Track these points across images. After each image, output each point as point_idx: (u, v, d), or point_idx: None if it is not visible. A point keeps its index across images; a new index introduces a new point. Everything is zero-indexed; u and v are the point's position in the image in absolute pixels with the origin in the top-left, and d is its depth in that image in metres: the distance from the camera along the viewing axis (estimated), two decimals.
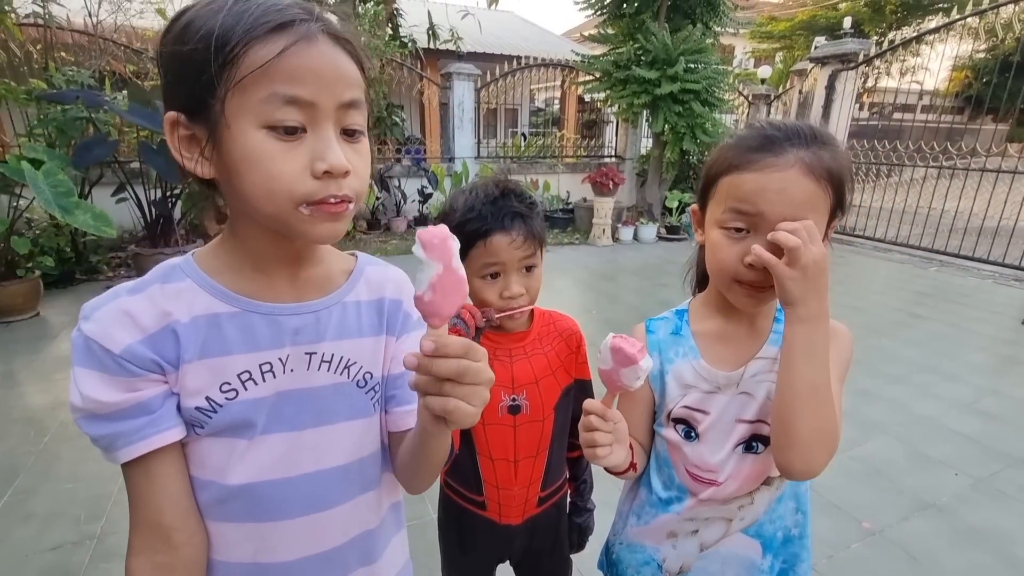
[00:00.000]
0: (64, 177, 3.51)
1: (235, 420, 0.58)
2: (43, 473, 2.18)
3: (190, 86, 0.51)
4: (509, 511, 1.03)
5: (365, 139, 0.58)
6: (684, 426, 0.82)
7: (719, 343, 0.81)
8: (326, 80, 0.51)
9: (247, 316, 0.59)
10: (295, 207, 0.52)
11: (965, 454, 2.45)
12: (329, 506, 0.64)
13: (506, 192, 0.93)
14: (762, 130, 0.71)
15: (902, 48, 6.66)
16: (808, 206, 0.67)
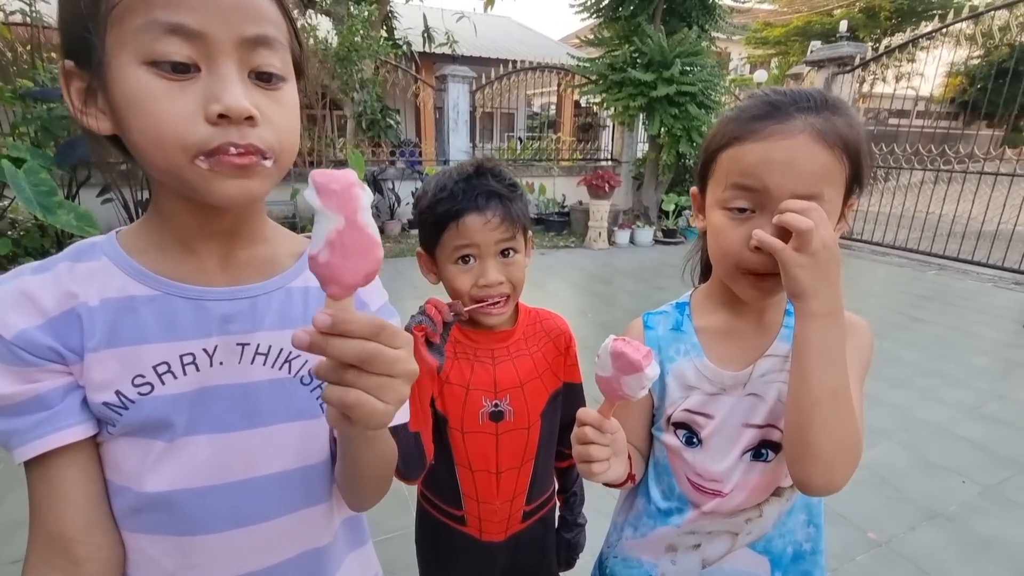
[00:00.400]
0: (46, 176, 3.42)
1: (150, 418, 0.50)
2: (11, 479, 2.08)
3: (72, 24, 0.44)
4: (491, 527, 0.94)
5: (286, 86, 0.49)
6: (686, 431, 0.74)
7: (724, 340, 0.73)
8: (220, 7, 0.43)
9: (168, 300, 0.51)
10: (190, 159, 0.44)
11: (972, 461, 2.37)
12: (263, 519, 0.55)
13: (481, 171, 0.84)
14: (765, 97, 0.63)
15: (898, 52, 6.64)
16: (820, 177, 0.58)
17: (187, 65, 0.43)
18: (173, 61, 0.42)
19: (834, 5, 18.72)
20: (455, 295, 0.85)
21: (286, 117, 0.49)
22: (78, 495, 0.50)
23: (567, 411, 0.97)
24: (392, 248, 6.24)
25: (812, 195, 0.58)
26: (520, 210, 0.85)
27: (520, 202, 0.86)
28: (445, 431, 0.89)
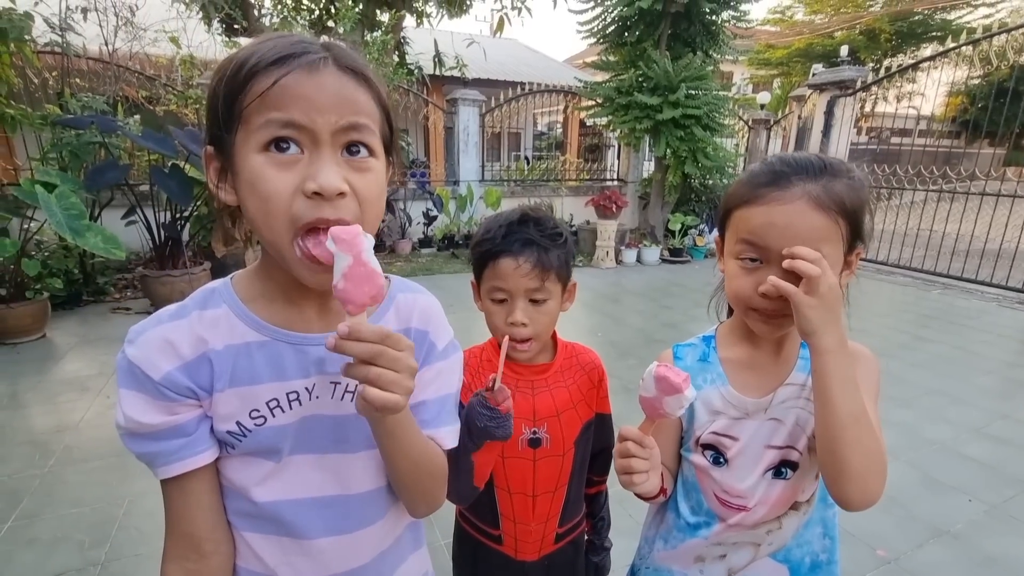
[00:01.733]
0: (76, 200, 3.57)
1: (263, 444, 0.61)
2: (47, 497, 2.16)
3: (213, 119, 0.55)
4: (526, 547, 1.01)
5: (374, 161, 0.57)
6: (713, 452, 0.82)
7: (746, 370, 0.81)
8: (322, 104, 0.52)
9: (276, 345, 0.61)
10: (291, 239, 0.53)
11: (978, 479, 2.42)
12: (352, 530, 0.65)
13: (525, 219, 0.92)
14: (771, 165, 0.72)
15: (898, 75, 6.79)
16: (817, 238, 0.67)
17: (291, 147, 0.53)
18: (282, 147, 0.52)
19: (835, 28, 19.02)
20: (491, 329, 0.95)
21: (371, 190, 0.57)
22: (206, 503, 0.60)
23: (597, 440, 1.04)
24: (403, 267, 6.36)
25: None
26: (555, 260, 0.90)
27: (558, 251, 0.91)
28: None
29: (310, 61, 0.52)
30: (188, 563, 0.60)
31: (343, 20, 5.69)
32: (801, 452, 0.78)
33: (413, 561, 0.75)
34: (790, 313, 0.68)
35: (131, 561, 1.84)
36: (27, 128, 4.37)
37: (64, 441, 2.57)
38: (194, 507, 0.60)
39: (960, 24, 16.55)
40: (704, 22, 6.83)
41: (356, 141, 0.55)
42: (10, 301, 3.68)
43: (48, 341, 3.84)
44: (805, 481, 0.79)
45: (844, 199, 0.69)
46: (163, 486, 0.60)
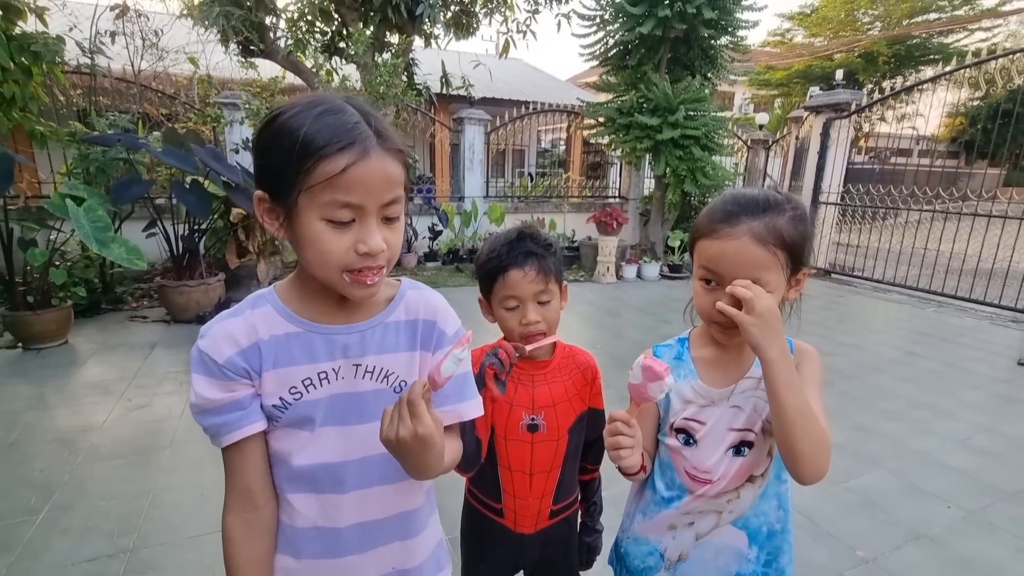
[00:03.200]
0: (103, 213, 3.76)
1: (300, 416, 0.75)
2: (77, 490, 2.31)
3: (275, 179, 0.68)
4: (524, 520, 1.15)
5: (401, 220, 0.74)
6: (684, 435, 0.96)
7: (713, 366, 0.96)
8: (373, 188, 0.67)
9: (309, 335, 0.76)
10: (340, 274, 0.69)
11: (958, 488, 2.53)
12: (374, 484, 0.79)
13: (522, 236, 1.10)
14: (725, 204, 0.88)
15: (892, 98, 6.99)
16: (758, 267, 0.83)
17: (347, 222, 0.68)
18: (340, 221, 0.67)
19: (834, 50, 19.37)
20: (507, 334, 1.10)
21: (398, 240, 0.73)
22: (259, 464, 0.76)
23: (590, 432, 1.19)
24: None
25: (753, 278, 0.83)
26: (552, 265, 1.09)
27: (553, 258, 1.10)
28: (492, 437, 1.12)
29: (365, 149, 0.66)
30: (245, 513, 0.75)
31: (356, 43, 5.94)
32: (756, 433, 0.92)
33: (433, 524, 0.90)
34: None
35: (158, 549, 1.98)
36: (53, 144, 4.60)
37: (90, 440, 2.72)
38: (250, 468, 0.75)
39: (957, 47, 16.87)
40: (702, 47, 7.07)
41: (394, 213, 0.71)
42: (36, 308, 3.86)
43: (70, 347, 4.01)
44: (759, 457, 0.94)
45: (783, 233, 0.84)
46: (224, 453, 0.75)
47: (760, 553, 0.96)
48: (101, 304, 4.84)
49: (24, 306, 3.86)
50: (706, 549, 0.97)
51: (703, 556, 0.97)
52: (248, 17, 6.14)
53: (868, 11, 19.26)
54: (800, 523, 2.20)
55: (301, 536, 0.78)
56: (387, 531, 0.82)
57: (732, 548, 0.96)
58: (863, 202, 7.33)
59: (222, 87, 6.45)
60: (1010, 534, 2.20)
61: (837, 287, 7.09)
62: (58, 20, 4.70)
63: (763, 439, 0.93)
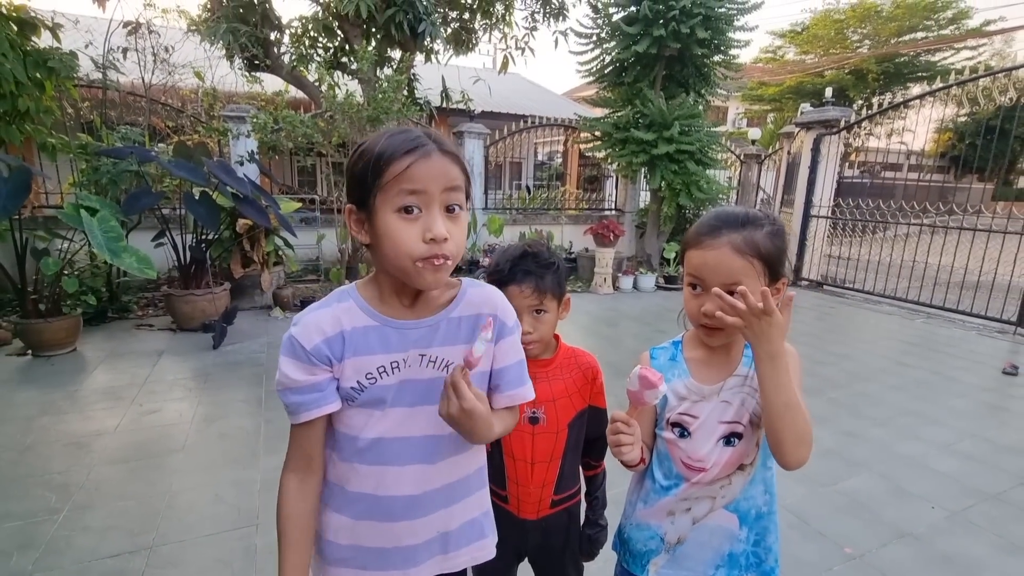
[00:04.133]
0: (115, 223, 3.87)
1: (374, 397, 0.86)
2: (96, 491, 2.39)
3: (359, 189, 0.80)
4: (526, 507, 1.26)
5: (463, 213, 0.83)
6: (679, 428, 1.05)
7: (704, 365, 1.06)
8: (434, 178, 0.78)
9: (384, 329, 0.87)
10: (412, 263, 0.79)
11: (943, 490, 2.64)
12: (432, 461, 0.90)
13: (525, 255, 1.22)
14: (710, 219, 0.99)
15: (880, 115, 7.21)
16: (736, 274, 0.93)
17: (414, 209, 0.78)
18: (408, 207, 0.78)
19: (824, 67, 19.79)
20: None
21: (461, 232, 0.83)
22: (319, 437, 0.89)
23: (592, 429, 1.30)
24: None
25: (732, 283, 0.92)
26: (549, 283, 1.19)
27: (553, 276, 1.20)
28: None
29: (426, 151, 0.78)
30: (301, 473, 0.88)
31: (359, 59, 6.10)
32: (745, 426, 1.03)
33: (477, 496, 1.00)
34: (723, 328, 0.94)
35: (177, 546, 2.06)
36: (62, 156, 4.70)
37: (104, 443, 2.80)
38: (315, 439, 0.88)
39: (944, 66, 17.28)
40: (696, 65, 7.28)
41: (453, 202, 0.81)
42: (47, 316, 3.94)
43: (79, 354, 4.09)
44: (748, 447, 1.04)
45: (759, 245, 0.94)
46: (294, 426, 0.87)
47: (750, 533, 1.07)
48: (108, 313, 4.92)
49: (35, 314, 3.94)
50: (702, 532, 1.07)
51: (699, 538, 1.07)
52: (254, 33, 6.30)
53: (857, 30, 19.73)
54: (791, 523, 2.31)
55: (357, 500, 0.89)
56: (437, 500, 0.92)
57: (725, 530, 1.07)
58: (854, 215, 7.51)
59: (227, 101, 6.59)
60: (990, 533, 2.31)
61: (828, 298, 7.25)
62: (72, 36, 4.83)
63: (751, 431, 1.03)
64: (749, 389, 1.03)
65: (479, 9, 7.71)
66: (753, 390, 1.02)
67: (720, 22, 6.82)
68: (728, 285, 0.93)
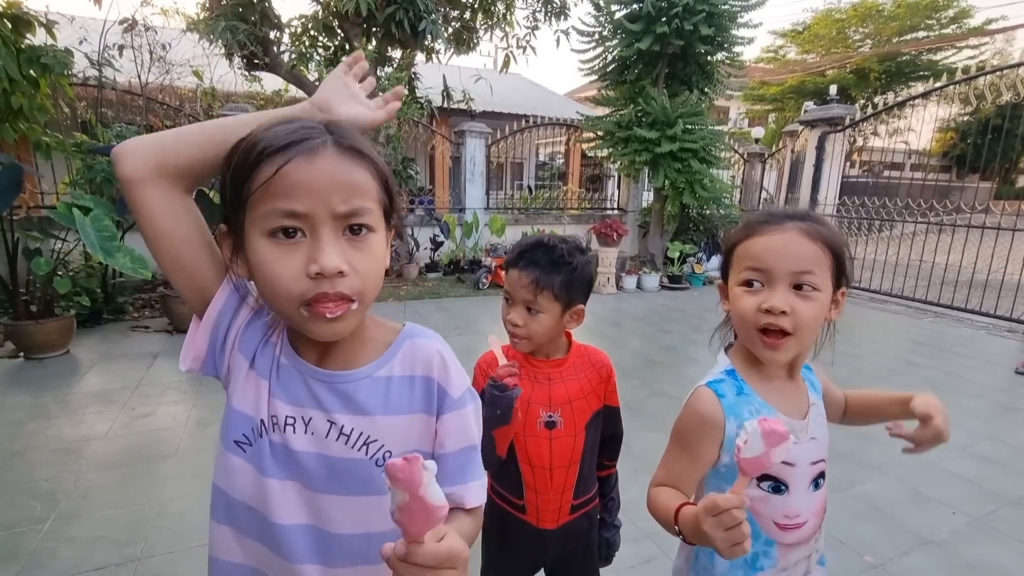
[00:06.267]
0: (109, 223, 3.78)
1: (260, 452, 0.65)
2: (83, 500, 2.29)
3: (225, 202, 0.60)
4: (546, 515, 1.17)
5: (374, 236, 0.60)
6: (772, 481, 0.84)
7: (781, 395, 0.87)
8: (321, 191, 0.56)
9: (291, 371, 0.67)
10: (296, 307, 0.58)
11: (962, 494, 2.55)
12: (332, 565, 0.66)
13: (538, 245, 1.12)
14: (763, 213, 0.86)
15: (885, 113, 7.12)
16: (808, 260, 0.79)
17: (294, 232, 0.57)
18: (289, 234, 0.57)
19: (826, 66, 19.73)
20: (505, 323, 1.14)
21: (370, 264, 0.60)
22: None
23: (607, 428, 1.22)
24: (410, 291, 6.55)
25: (803, 271, 0.78)
26: (554, 281, 1.07)
27: (560, 276, 1.07)
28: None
29: (310, 147, 0.56)
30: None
31: None
32: (826, 461, 0.88)
33: None
34: (791, 332, 0.78)
35: (167, 558, 1.96)
36: (57, 155, 4.62)
37: (94, 449, 2.70)
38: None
39: (946, 64, 17.21)
40: (699, 63, 7.20)
41: (356, 220, 0.59)
42: (39, 317, 3.85)
43: (72, 357, 4.00)
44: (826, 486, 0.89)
45: (828, 237, 0.81)
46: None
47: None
48: (102, 314, 4.83)
49: (27, 315, 3.86)
50: None
51: None
52: (253, 31, 6.22)
53: (859, 29, 19.67)
54: None
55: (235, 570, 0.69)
56: None
57: None
58: (859, 214, 7.42)
59: (226, 100, 6.51)
60: (1015, 539, 2.22)
61: None
62: (67, 33, 4.75)
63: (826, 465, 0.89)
64: (822, 419, 0.90)
65: (480, 8, 7.63)
66: (824, 417, 0.91)
67: (724, 19, 6.73)
68: (799, 274, 0.79)
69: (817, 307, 0.80)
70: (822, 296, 0.80)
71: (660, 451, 0.90)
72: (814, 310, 0.80)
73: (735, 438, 0.68)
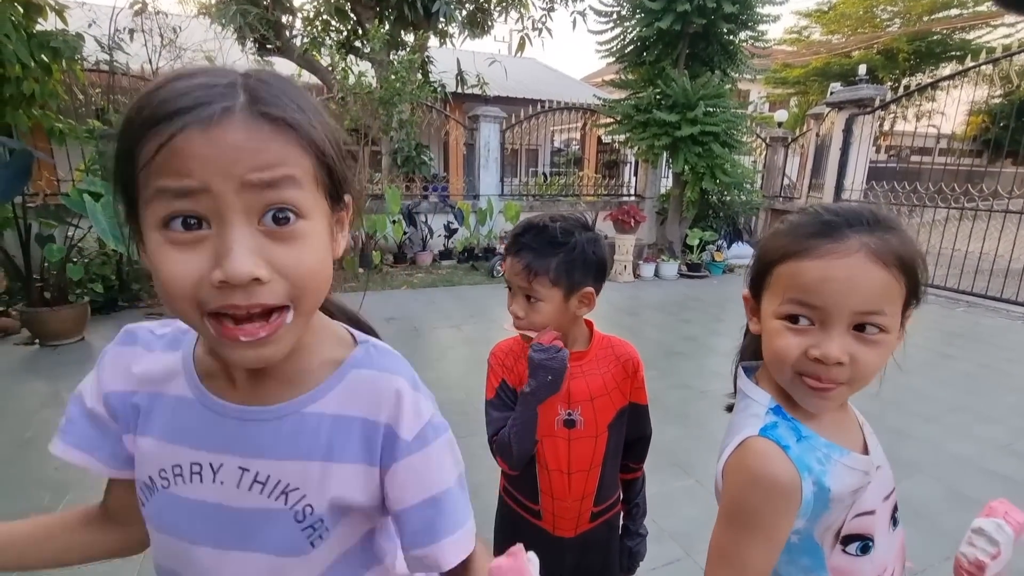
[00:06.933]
0: (120, 209, 3.74)
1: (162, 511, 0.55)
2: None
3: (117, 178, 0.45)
4: (563, 523, 1.07)
5: (305, 224, 0.46)
6: (858, 541, 0.67)
7: (839, 431, 0.70)
8: (222, 162, 0.42)
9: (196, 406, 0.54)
10: (201, 320, 0.45)
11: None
12: None
13: (531, 227, 1.01)
14: (819, 215, 0.65)
15: (918, 94, 6.81)
16: (879, 296, 0.60)
17: (198, 224, 0.43)
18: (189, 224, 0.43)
19: (852, 47, 19.08)
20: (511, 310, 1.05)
21: (303, 260, 0.46)
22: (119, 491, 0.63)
23: (632, 428, 1.11)
24: (424, 278, 6.48)
25: (872, 311, 0.60)
26: (548, 265, 0.97)
27: (554, 258, 0.97)
28: None
29: (209, 113, 0.41)
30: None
31: (372, 40, 5.92)
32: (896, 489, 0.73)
33: None
34: (845, 382, 0.62)
35: None
36: (71, 141, 4.60)
37: None
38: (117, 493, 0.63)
39: (979, 44, 16.52)
40: (722, 42, 6.94)
41: (278, 204, 0.44)
42: (53, 304, 3.85)
43: (87, 344, 4.00)
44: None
45: (902, 254, 0.61)
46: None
47: None
48: (118, 301, 4.84)
49: (41, 303, 3.86)
50: None
51: None
52: (264, 15, 6.15)
53: (887, 7, 18.92)
54: None
55: None
56: None
57: None
58: (887, 199, 7.15)
59: None
60: None
61: None
62: (77, 17, 4.71)
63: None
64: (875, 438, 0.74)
65: None
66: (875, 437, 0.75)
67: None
68: (863, 315, 0.60)
69: (883, 352, 0.62)
70: (889, 338, 0.62)
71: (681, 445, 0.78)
72: (879, 357, 0.61)
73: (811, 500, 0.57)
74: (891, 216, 0.65)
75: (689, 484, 2.28)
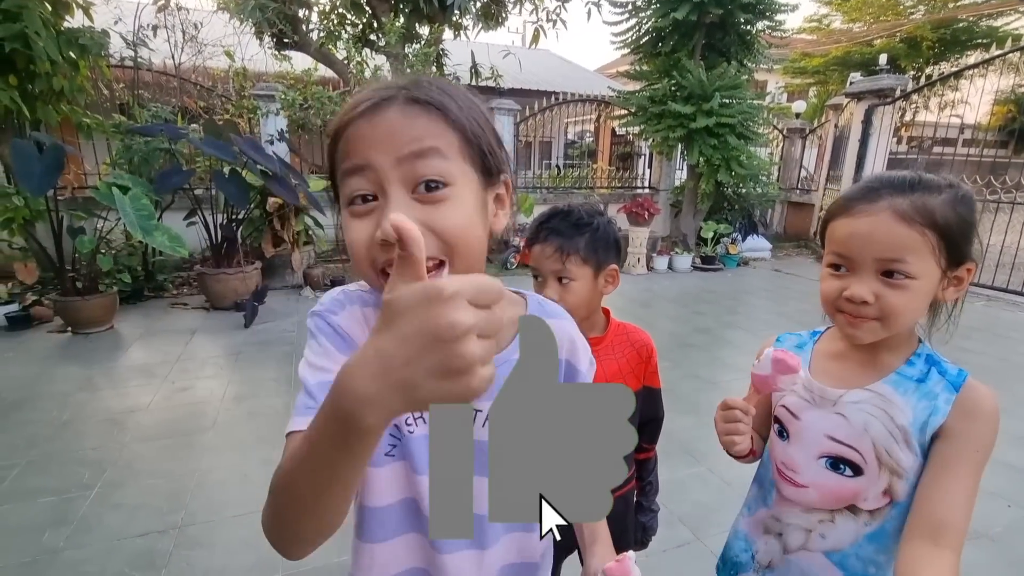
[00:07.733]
0: (147, 202, 3.87)
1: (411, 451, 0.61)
2: (127, 468, 2.38)
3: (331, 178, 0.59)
4: None
5: (451, 190, 0.53)
6: (779, 425, 0.89)
7: (832, 361, 0.87)
8: (379, 140, 0.51)
9: None
10: (376, 276, 0.54)
11: (1018, 486, 2.41)
12: (485, 547, 0.65)
13: (554, 214, 1.08)
14: (868, 182, 0.78)
15: (940, 83, 6.68)
16: (897, 248, 0.71)
17: (371, 198, 0.53)
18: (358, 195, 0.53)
19: (874, 35, 18.64)
20: None
21: (450, 218, 0.53)
22: None
23: (646, 410, 1.16)
24: None
25: (892, 259, 0.71)
26: (579, 244, 1.03)
27: (582, 238, 1.04)
28: None
29: (372, 108, 0.53)
30: None
31: (387, 34, 5.96)
32: (864, 456, 0.79)
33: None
34: (873, 317, 0.74)
35: (205, 526, 2.02)
36: (97, 135, 4.74)
37: (137, 420, 2.80)
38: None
39: (1007, 31, 16.04)
40: (739, 32, 6.87)
41: (430, 176, 0.52)
42: (84, 294, 4.00)
43: (116, 332, 4.15)
44: (869, 490, 0.80)
45: (935, 212, 0.71)
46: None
47: None
48: (144, 291, 4.99)
49: (73, 292, 4.00)
50: (792, 568, 0.89)
51: (788, 573, 0.90)
52: (282, 10, 6.22)
53: None
54: None
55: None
56: None
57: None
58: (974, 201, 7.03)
59: (257, 80, 6.55)
60: None
61: None
62: (103, 13, 4.84)
63: (876, 470, 0.79)
64: (880, 412, 0.79)
65: None
66: (884, 414, 0.79)
67: None
68: (886, 262, 0.73)
69: (911, 296, 0.73)
70: (919, 283, 0.73)
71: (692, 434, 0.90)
72: (907, 299, 0.73)
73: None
74: (942, 180, 0.74)
75: (700, 471, 2.32)
